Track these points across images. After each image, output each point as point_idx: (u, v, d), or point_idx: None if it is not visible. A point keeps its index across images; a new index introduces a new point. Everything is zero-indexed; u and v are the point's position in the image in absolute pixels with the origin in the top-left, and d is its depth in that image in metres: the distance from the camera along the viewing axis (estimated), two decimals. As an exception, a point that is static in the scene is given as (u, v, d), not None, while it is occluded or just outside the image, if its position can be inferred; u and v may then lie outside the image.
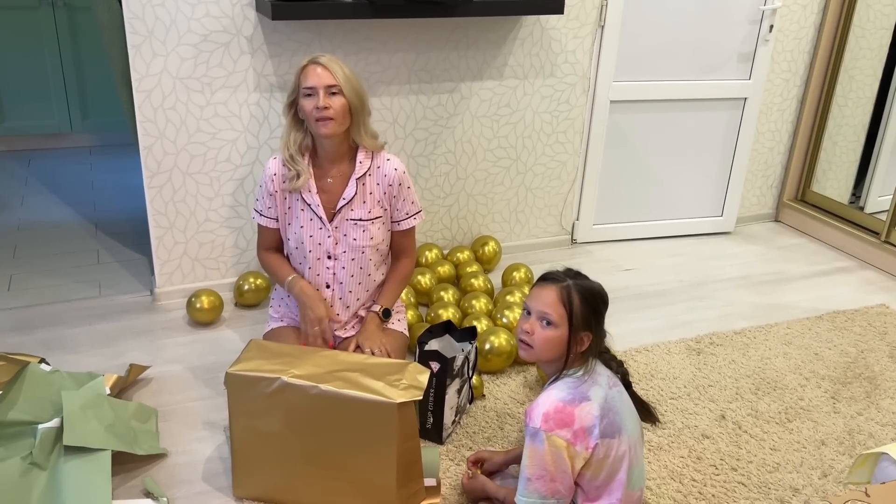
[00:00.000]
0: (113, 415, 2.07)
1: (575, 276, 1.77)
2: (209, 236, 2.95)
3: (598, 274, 3.35)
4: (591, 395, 1.69)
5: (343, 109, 2.15)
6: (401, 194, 2.31)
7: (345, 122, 2.18)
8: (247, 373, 1.87)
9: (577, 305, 1.71)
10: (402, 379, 1.86)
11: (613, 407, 1.71)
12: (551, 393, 1.69)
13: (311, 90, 2.13)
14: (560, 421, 1.66)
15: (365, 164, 2.26)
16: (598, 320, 1.75)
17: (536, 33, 3.14)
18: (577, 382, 1.70)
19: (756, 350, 2.81)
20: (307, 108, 2.14)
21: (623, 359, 2.68)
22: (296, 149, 2.23)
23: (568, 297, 1.71)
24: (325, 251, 2.29)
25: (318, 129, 2.16)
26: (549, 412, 1.66)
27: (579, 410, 1.67)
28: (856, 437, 2.35)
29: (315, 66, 2.14)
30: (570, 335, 1.71)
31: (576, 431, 1.66)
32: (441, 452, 2.20)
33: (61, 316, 2.84)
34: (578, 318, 1.71)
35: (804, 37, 3.66)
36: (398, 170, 2.29)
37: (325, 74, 2.13)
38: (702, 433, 2.34)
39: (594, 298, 1.74)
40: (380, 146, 2.28)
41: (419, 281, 2.99)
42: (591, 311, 1.72)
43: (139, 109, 2.69)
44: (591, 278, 1.80)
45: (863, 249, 3.60)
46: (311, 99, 2.13)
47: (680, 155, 3.62)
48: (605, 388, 1.72)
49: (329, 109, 2.12)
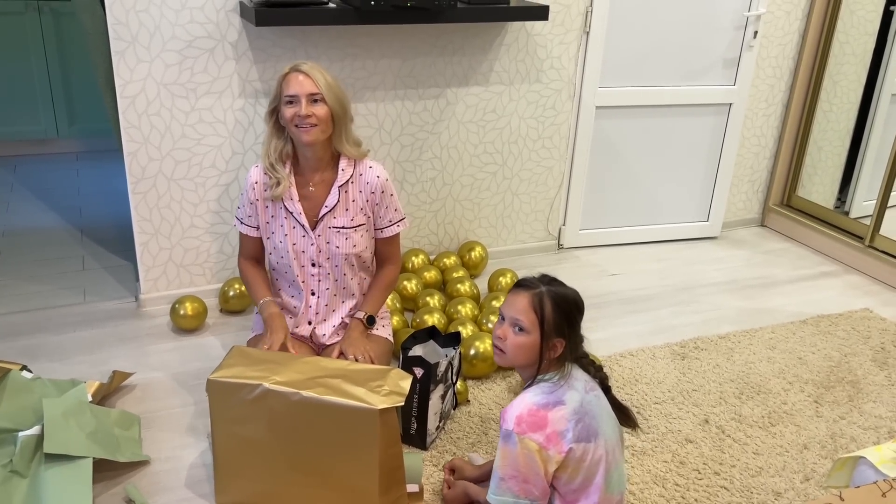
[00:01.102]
0: (95, 422, 2.06)
1: (549, 282, 1.78)
2: (194, 242, 2.94)
3: (585, 279, 3.37)
4: (565, 400, 1.69)
5: (325, 117, 2.15)
6: (383, 202, 2.31)
7: (327, 130, 2.18)
8: (228, 379, 1.87)
9: (548, 312, 1.71)
10: (384, 385, 1.86)
11: (590, 411, 1.71)
12: (526, 396, 1.70)
13: (293, 98, 2.13)
14: (533, 424, 1.66)
15: (347, 171, 2.26)
16: (572, 326, 1.75)
17: (522, 39, 3.16)
18: (553, 387, 1.71)
19: (740, 354, 2.82)
20: (288, 115, 2.14)
21: (608, 364, 2.71)
22: (276, 157, 2.23)
23: (539, 303, 1.72)
24: (309, 259, 2.29)
25: (300, 136, 2.15)
26: (522, 415, 1.67)
27: (553, 414, 1.67)
28: (838, 441, 2.36)
29: (297, 73, 2.14)
30: (542, 341, 1.72)
31: (548, 435, 1.66)
32: (425, 458, 2.20)
33: (45, 323, 2.82)
34: (550, 324, 1.71)
35: (788, 43, 3.68)
36: (380, 177, 2.29)
37: (307, 82, 2.13)
38: (685, 437, 2.35)
39: (567, 305, 1.74)
40: (363, 154, 2.28)
41: (405, 286, 2.99)
42: (564, 317, 1.73)
43: (123, 115, 2.69)
44: (567, 284, 1.81)
45: (847, 254, 3.62)
46: (293, 107, 2.13)
47: (666, 160, 3.64)
48: (581, 393, 1.73)
49: (311, 117, 2.12)
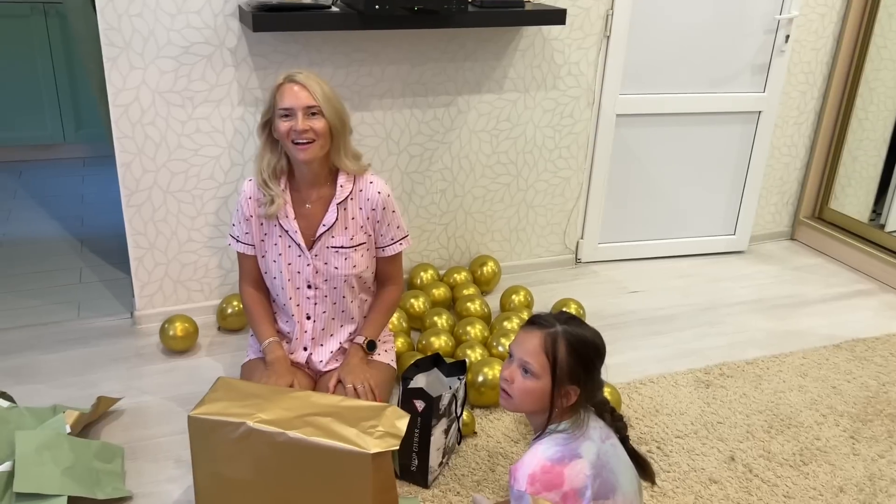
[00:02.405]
0: (72, 456, 1.93)
1: (566, 320, 1.59)
2: (191, 257, 2.81)
3: (603, 296, 3.19)
4: (582, 453, 1.53)
5: (324, 132, 2.00)
6: (385, 219, 2.15)
7: (325, 146, 2.03)
8: (210, 416, 1.73)
9: (562, 356, 1.54)
10: (378, 426, 1.70)
11: (607, 464, 1.54)
12: (538, 450, 1.53)
13: (289, 111, 1.98)
14: (548, 483, 1.50)
15: (346, 187, 2.11)
16: (589, 372, 1.57)
17: (538, 44, 2.99)
18: (567, 438, 1.54)
19: (769, 382, 2.63)
20: (283, 130, 1.99)
21: (625, 392, 2.53)
22: (270, 172, 2.08)
23: (553, 345, 1.55)
24: (305, 280, 2.15)
25: (297, 153, 2.01)
26: (535, 473, 1.50)
27: (569, 470, 1.51)
28: (877, 484, 2.17)
29: (292, 84, 1.99)
30: (553, 388, 1.55)
31: (565, 493, 1.50)
32: (426, 498, 2.04)
33: (35, 340, 2.70)
34: (563, 369, 1.54)
35: (822, 47, 3.48)
36: (382, 193, 2.13)
37: (303, 94, 1.98)
38: (709, 477, 2.17)
39: (584, 348, 1.56)
40: (363, 168, 2.13)
41: (412, 304, 2.84)
42: (580, 362, 1.55)
43: (116, 125, 2.56)
44: (586, 324, 1.62)
45: (884, 271, 3.41)
46: (289, 121, 1.98)
47: (690, 171, 3.45)
48: (598, 443, 1.56)
49: (308, 132, 1.98)
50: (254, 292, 2.23)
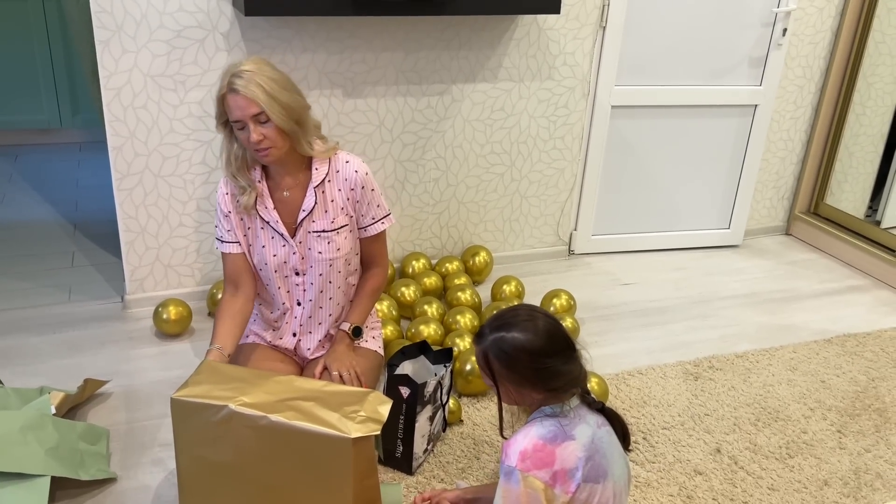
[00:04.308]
0: (56, 436, 1.93)
1: (498, 328, 1.57)
2: (182, 242, 2.81)
3: (596, 287, 3.19)
4: (575, 434, 1.52)
5: (277, 134, 1.94)
6: (364, 198, 2.13)
7: (284, 145, 1.98)
8: (192, 399, 1.72)
9: (497, 368, 1.56)
10: (360, 410, 1.70)
11: (601, 449, 1.54)
12: (531, 429, 1.53)
13: (239, 123, 1.93)
14: (539, 461, 1.50)
15: (322, 170, 2.08)
16: (537, 373, 1.54)
17: (533, 33, 2.97)
18: (563, 419, 1.54)
19: (758, 376, 2.63)
20: (242, 139, 1.96)
21: (613, 383, 2.53)
22: (238, 165, 2.04)
23: (486, 362, 1.57)
24: (292, 268, 2.14)
25: (261, 160, 2.00)
26: (527, 450, 1.50)
27: (561, 450, 1.50)
28: (862, 478, 2.17)
29: (233, 95, 1.90)
30: (511, 391, 1.58)
31: (555, 473, 1.49)
32: (410, 485, 2.04)
33: (25, 323, 2.71)
34: (505, 379, 1.56)
35: (820, 41, 3.46)
36: (359, 172, 2.11)
37: (245, 104, 1.89)
38: (694, 469, 2.17)
39: (517, 354, 1.53)
40: (332, 149, 2.10)
41: (403, 293, 2.83)
42: (516, 369, 1.54)
43: (108, 108, 2.55)
44: (530, 320, 1.55)
45: (878, 267, 3.40)
46: (244, 132, 1.94)
47: (685, 163, 3.44)
48: (594, 427, 1.55)
49: (264, 140, 1.94)
50: (229, 301, 2.10)
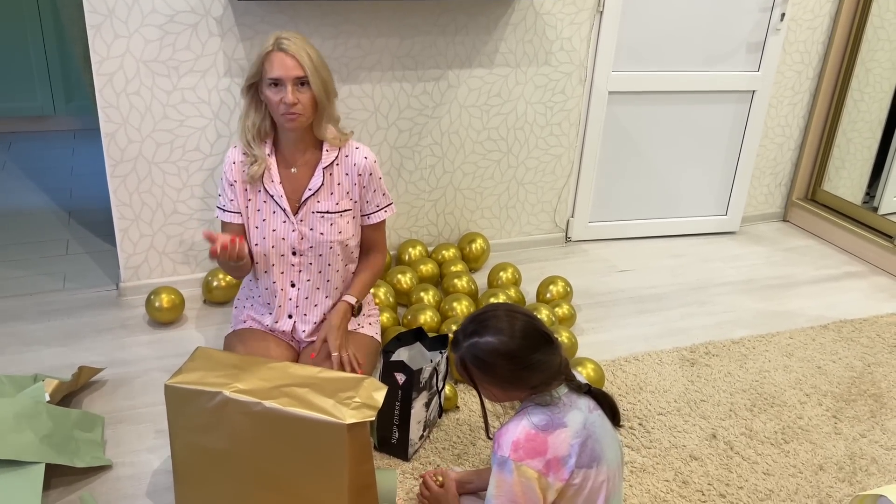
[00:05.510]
0: (51, 424, 1.92)
1: (472, 333, 1.56)
2: (177, 229, 2.79)
3: (592, 274, 3.18)
4: (567, 421, 1.52)
5: (311, 103, 1.98)
6: (371, 185, 2.14)
7: (311, 116, 2.01)
8: (186, 385, 1.71)
9: (476, 374, 1.56)
10: (355, 397, 1.69)
11: (593, 433, 1.54)
12: (523, 419, 1.53)
13: (278, 81, 1.95)
14: (531, 450, 1.49)
15: (332, 152, 2.09)
16: (515, 374, 1.54)
17: (530, 18, 2.95)
18: (554, 407, 1.54)
19: (755, 362, 2.62)
20: (273, 99, 1.96)
21: (610, 369, 2.53)
22: (255, 133, 2.06)
23: (464, 369, 1.58)
24: (290, 246, 2.13)
25: (285, 123, 1.99)
26: (519, 440, 1.50)
27: (553, 438, 1.50)
28: (857, 463, 2.17)
29: (281, 54, 1.94)
30: (496, 392, 1.59)
31: (549, 461, 1.49)
32: (406, 470, 2.04)
33: (20, 310, 2.69)
34: (485, 383, 1.57)
35: (818, 26, 3.44)
36: (368, 158, 2.12)
37: (292, 64, 1.94)
38: (690, 454, 2.17)
39: (495, 360, 1.53)
40: (345, 136, 2.11)
41: (399, 280, 2.82)
42: (493, 372, 1.54)
43: (100, 94, 2.53)
44: (511, 316, 1.55)
45: (875, 253, 3.39)
46: (278, 91, 1.95)
47: (682, 150, 3.42)
48: (585, 412, 1.55)
49: (298, 104, 1.95)
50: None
